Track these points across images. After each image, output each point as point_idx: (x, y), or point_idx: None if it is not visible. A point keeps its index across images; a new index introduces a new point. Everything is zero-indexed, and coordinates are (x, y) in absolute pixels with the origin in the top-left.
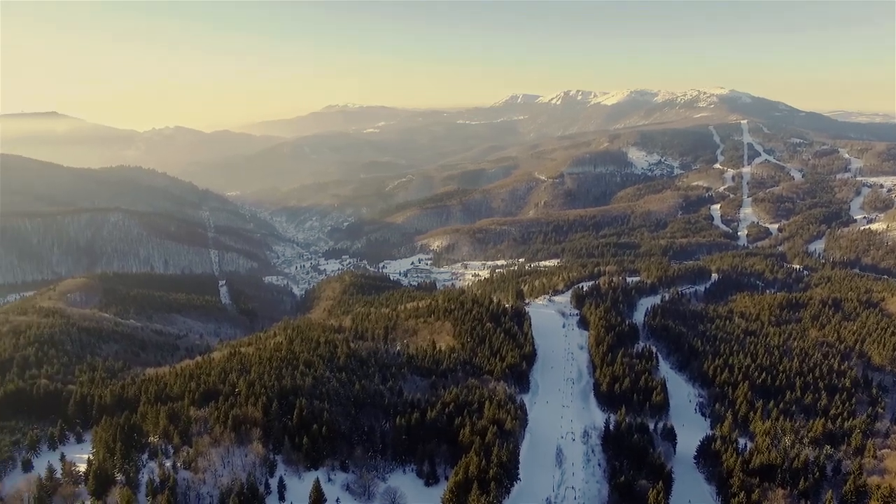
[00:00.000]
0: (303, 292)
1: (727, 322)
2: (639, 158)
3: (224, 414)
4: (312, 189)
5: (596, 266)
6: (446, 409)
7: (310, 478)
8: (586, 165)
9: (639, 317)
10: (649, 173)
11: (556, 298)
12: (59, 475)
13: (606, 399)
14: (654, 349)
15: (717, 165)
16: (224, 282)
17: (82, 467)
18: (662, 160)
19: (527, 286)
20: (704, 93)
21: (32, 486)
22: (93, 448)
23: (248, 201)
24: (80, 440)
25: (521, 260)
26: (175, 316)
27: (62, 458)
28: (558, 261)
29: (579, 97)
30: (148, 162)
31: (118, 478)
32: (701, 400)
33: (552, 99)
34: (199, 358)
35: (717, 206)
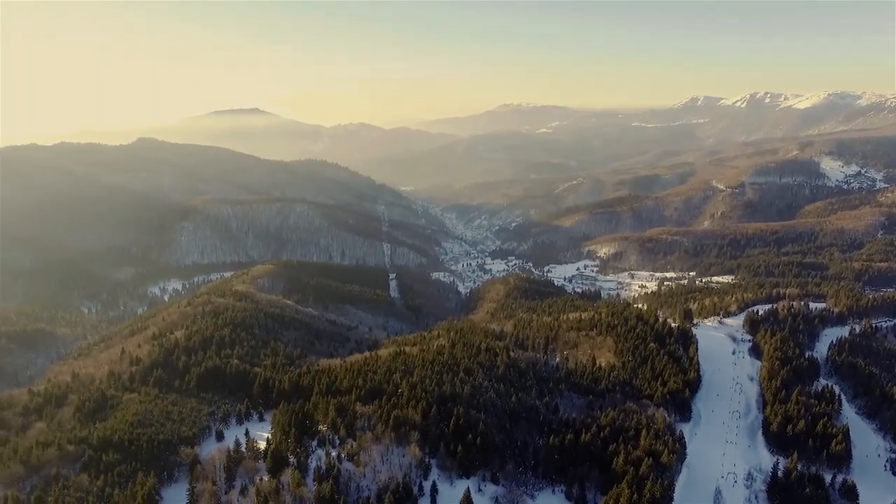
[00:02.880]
0: (468, 291)
1: None
2: (833, 169)
3: (387, 413)
4: (483, 188)
5: (775, 287)
6: (601, 433)
7: (461, 486)
8: (771, 175)
9: (821, 350)
10: (844, 186)
11: (728, 321)
12: (243, 449)
13: (776, 440)
14: (836, 389)
15: None
16: (394, 275)
17: (262, 445)
18: (862, 172)
19: (696, 305)
20: None
21: (223, 456)
22: (271, 429)
23: (421, 197)
24: (261, 419)
25: (691, 274)
26: (348, 307)
27: (247, 433)
28: (732, 277)
29: (767, 100)
30: (332, 156)
31: (291, 460)
32: (893, 456)
33: (736, 101)
34: (367, 353)
35: None
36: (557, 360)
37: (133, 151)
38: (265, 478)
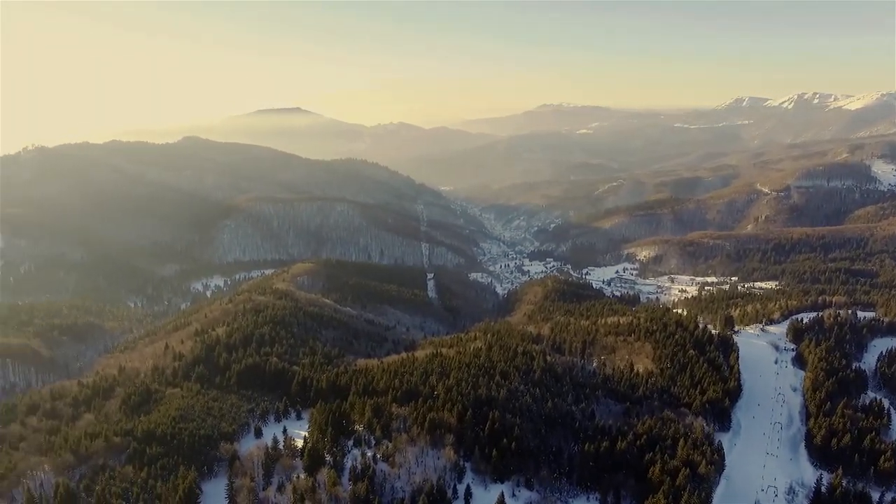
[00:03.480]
0: (505, 292)
1: None
2: (886, 173)
3: (422, 416)
4: (522, 188)
5: (820, 295)
6: (638, 441)
7: (495, 490)
8: (818, 178)
9: (869, 361)
10: None
11: (770, 329)
12: (281, 447)
13: (820, 454)
14: (886, 403)
15: None
16: (432, 275)
17: (299, 443)
18: None
19: (737, 311)
20: None
21: (261, 453)
22: (309, 427)
23: (459, 197)
24: (299, 417)
25: (733, 279)
26: (386, 307)
27: (284, 431)
28: (776, 284)
29: (815, 100)
30: (372, 155)
31: (327, 459)
32: None
33: (783, 102)
34: (404, 354)
35: None
36: (594, 364)
37: (178, 150)
38: (302, 476)
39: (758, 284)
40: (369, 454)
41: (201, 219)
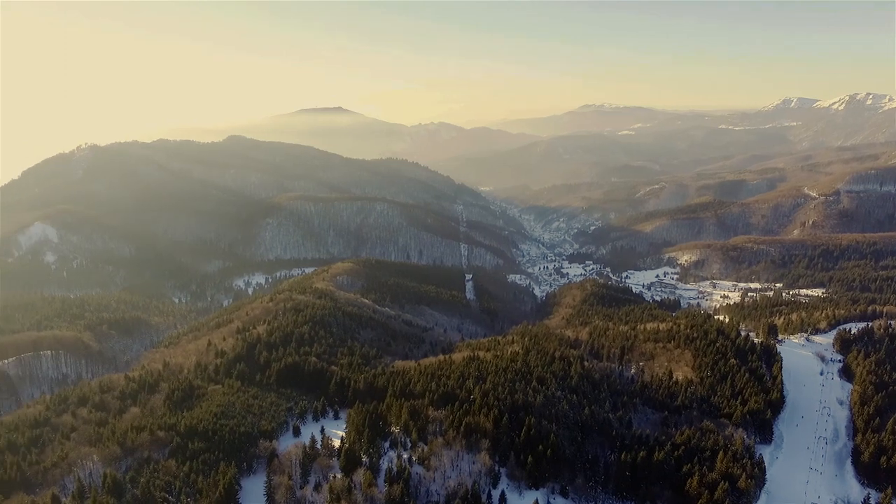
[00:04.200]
0: (543, 295)
1: None
2: None
3: (458, 420)
4: (562, 189)
5: (870, 304)
6: (676, 452)
7: (530, 497)
8: (870, 183)
9: None
10: None
11: (816, 339)
12: (319, 446)
13: (868, 472)
14: None
15: None
16: (470, 277)
17: (336, 443)
18: None
19: (781, 319)
20: None
21: (299, 452)
22: (346, 427)
23: (499, 197)
24: (336, 417)
25: (777, 285)
26: (424, 307)
27: (322, 430)
28: (823, 291)
29: (869, 101)
30: (412, 155)
31: (363, 460)
32: None
33: (833, 103)
34: (441, 357)
35: None
36: (632, 371)
37: (223, 148)
38: (338, 476)
39: (803, 292)
40: (405, 456)
41: (244, 216)
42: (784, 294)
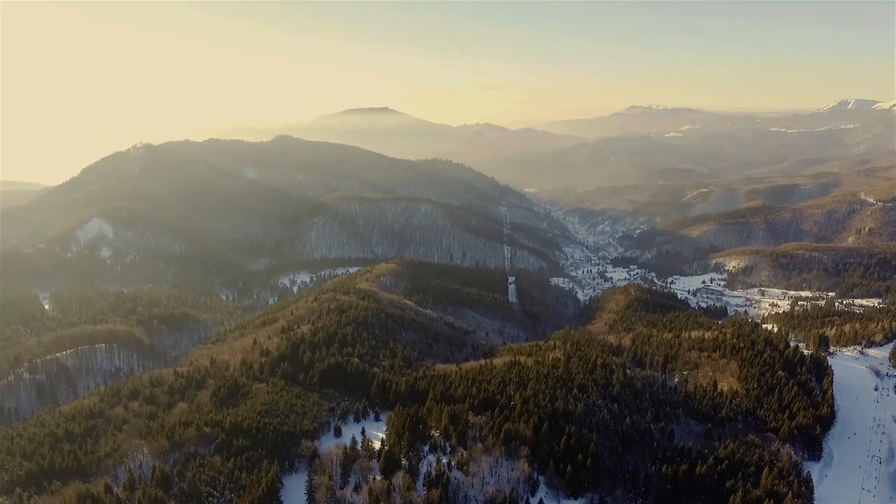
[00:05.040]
0: (587, 299)
1: None
2: None
3: (498, 426)
4: (607, 192)
5: None
6: (719, 467)
7: None
8: None
9: None
10: None
11: (871, 352)
12: (359, 447)
13: None
14: None
15: None
16: (513, 279)
17: (376, 444)
18: None
19: (833, 330)
20: None
21: (340, 453)
22: (386, 430)
23: (543, 199)
24: (377, 418)
25: (830, 294)
26: (466, 310)
27: (363, 431)
28: (879, 301)
29: None
30: (457, 156)
31: (403, 463)
32: None
33: (894, 105)
34: (482, 361)
35: None
36: (676, 380)
37: (271, 148)
38: (378, 478)
39: (858, 302)
40: (444, 461)
41: (291, 215)
42: (837, 304)
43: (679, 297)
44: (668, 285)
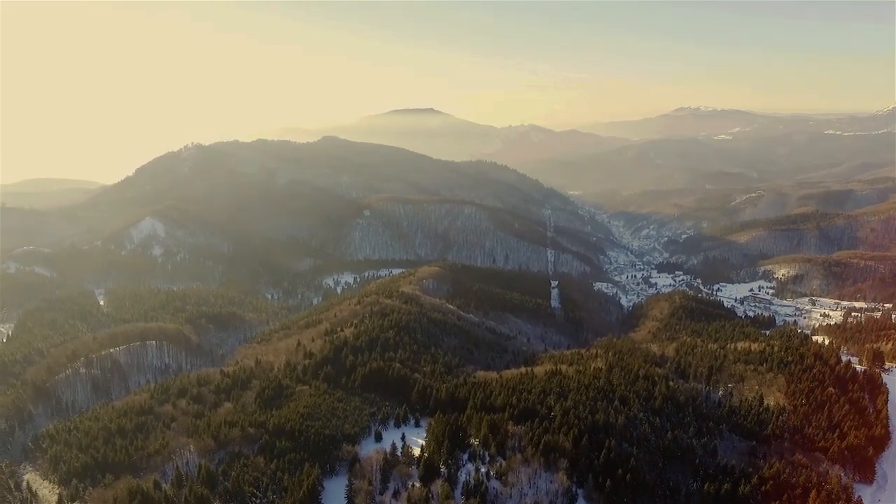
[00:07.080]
0: (630, 305)
1: None
2: None
3: (538, 437)
4: (653, 196)
5: None
6: (763, 487)
7: None
8: None
9: None
10: None
11: None
12: (399, 453)
13: None
14: None
15: None
16: (556, 284)
17: (416, 451)
18: None
19: (889, 345)
20: None
21: (380, 458)
22: (426, 436)
23: (587, 202)
24: (417, 424)
25: (887, 306)
26: (508, 315)
27: (403, 437)
28: None
29: None
30: (502, 157)
31: (442, 470)
32: None
33: None
34: (523, 369)
35: None
36: (720, 394)
37: (317, 149)
38: (417, 485)
39: None
40: (483, 470)
41: (335, 216)
42: (893, 316)
43: (725, 305)
44: (715, 292)
